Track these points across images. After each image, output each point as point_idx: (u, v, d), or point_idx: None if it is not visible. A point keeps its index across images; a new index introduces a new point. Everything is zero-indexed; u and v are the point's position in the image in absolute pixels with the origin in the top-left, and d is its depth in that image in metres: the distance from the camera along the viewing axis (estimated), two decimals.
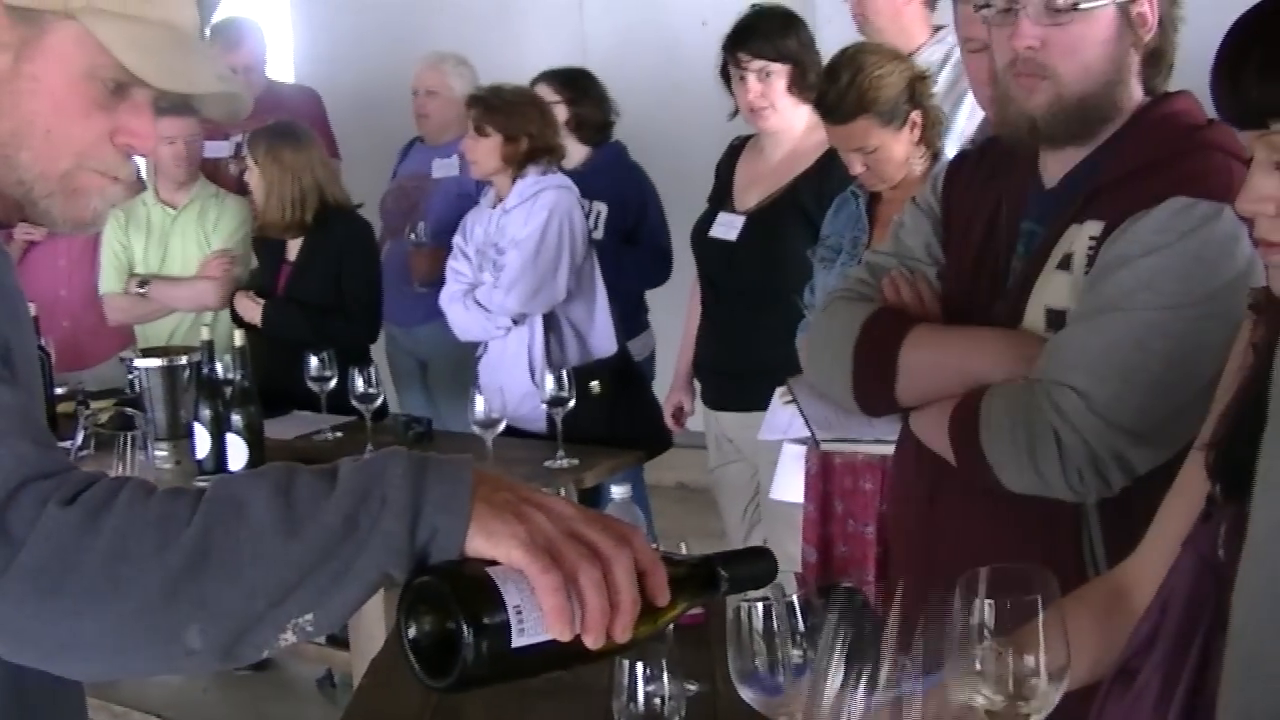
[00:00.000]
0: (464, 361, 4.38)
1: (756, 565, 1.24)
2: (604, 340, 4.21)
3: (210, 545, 1.11)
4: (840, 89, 3.07)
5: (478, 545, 1.12)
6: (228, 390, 3.61)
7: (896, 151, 3.11)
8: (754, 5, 3.83)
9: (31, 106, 1.32)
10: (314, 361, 3.97)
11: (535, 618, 1.09)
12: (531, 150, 4.13)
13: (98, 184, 1.37)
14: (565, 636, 1.09)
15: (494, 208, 4.20)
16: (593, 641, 1.11)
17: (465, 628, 1.07)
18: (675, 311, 4.25)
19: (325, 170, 4.48)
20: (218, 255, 4.71)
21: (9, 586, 1.10)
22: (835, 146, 3.26)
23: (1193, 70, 2.00)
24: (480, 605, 1.08)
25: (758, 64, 3.65)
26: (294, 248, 4.51)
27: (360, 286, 4.47)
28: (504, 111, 4.12)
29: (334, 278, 4.42)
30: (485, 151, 4.13)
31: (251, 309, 4.48)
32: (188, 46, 1.39)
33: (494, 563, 1.11)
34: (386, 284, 4.84)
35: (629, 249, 4.64)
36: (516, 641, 1.08)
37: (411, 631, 1.12)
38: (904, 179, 3.16)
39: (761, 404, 3.48)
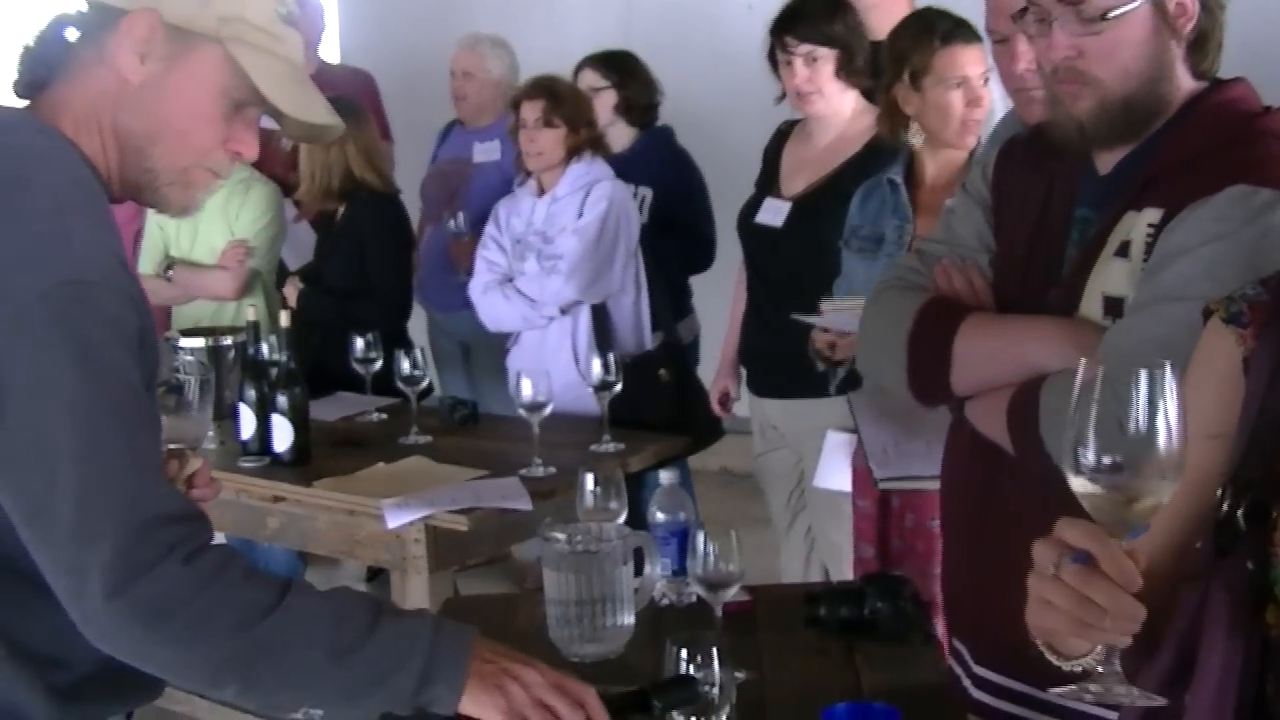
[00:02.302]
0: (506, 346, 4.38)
1: (683, 693, 1.68)
2: (643, 332, 4.24)
3: (273, 643, 1.53)
4: None
5: (468, 709, 1.58)
6: (273, 371, 3.61)
7: None
8: None
9: (171, 110, 1.64)
10: (359, 343, 3.95)
11: None
12: (589, 140, 4.16)
13: (206, 179, 1.70)
14: None
15: (539, 196, 4.20)
16: None
17: None
18: (721, 297, 4.23)
19: (355, 145, 4.44)
20: (234, 246, 4.66)
21: (121, 606, 1.48)
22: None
23: (1242, 53, 1.99)
24: None
25: (804, 48, 3.63)
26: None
27: (385, 270, 4.47)
28: (572, 103, 4.15)
29: (358, 259, 4.42)
30: (552, 143, 4.13)
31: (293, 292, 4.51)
32: (305, 81, 1.74)
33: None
34: (427, 269, 4.83)
35: (671, 235, 4.60)
36: None
37: None
38: (949, 165, 3.19)
39: (805, 391, 3.47)
